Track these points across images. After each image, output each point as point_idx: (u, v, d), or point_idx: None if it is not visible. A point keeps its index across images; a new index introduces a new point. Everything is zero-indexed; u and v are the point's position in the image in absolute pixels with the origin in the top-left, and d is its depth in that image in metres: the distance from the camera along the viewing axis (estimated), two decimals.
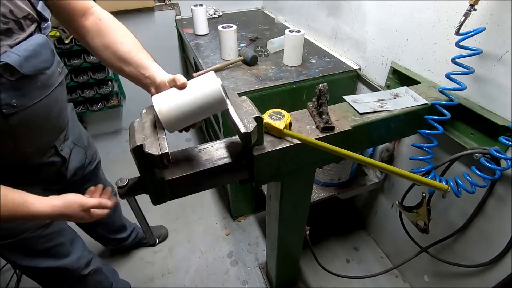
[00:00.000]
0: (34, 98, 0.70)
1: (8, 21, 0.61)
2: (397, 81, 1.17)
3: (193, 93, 0.59)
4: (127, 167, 1.27)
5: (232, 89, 1.22)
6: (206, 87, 0.59)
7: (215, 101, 0.59)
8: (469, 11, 0.77)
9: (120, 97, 2.29)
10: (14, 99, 0.65)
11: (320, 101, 0.73)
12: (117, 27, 0.75)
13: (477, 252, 1.04)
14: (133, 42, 0.74)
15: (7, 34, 0.61)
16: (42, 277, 1.01)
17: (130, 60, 0.71)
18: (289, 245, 1.13)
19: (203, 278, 1.52)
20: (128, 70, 0.72)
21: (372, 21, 1.23)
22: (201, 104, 0.59)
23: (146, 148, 0.53)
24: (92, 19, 0.74)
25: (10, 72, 0.62)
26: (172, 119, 0.57)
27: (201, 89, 0.59)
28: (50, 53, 0.73)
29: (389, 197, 1.44)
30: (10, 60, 0.61)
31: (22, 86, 0.66)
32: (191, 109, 0.58)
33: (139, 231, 1.61)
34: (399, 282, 1.48)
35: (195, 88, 0.60)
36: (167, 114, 0.57)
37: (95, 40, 0.73)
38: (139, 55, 0.72)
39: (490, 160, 0.83)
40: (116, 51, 0.72)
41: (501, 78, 0.81)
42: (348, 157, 0.64)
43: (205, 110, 0.60)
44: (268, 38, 1.60)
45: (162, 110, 0.56)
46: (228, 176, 0.69)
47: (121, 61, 0.72)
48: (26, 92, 0.67)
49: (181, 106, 0.58)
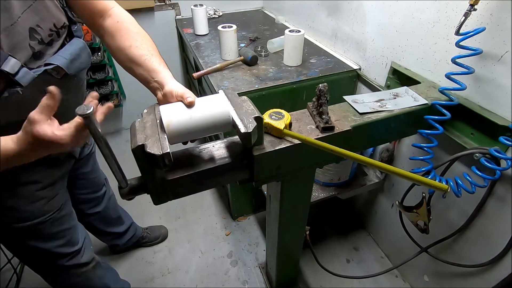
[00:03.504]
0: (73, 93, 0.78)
1: (52, 33, 0.71)
2: (397, 81, 1.18)
3: (202, 113, 0.60)
4: (127, 167, 1.25)
5: (232, 89, 1.22)
6: (216, 109, 0.60)
7: (222, 123, 0.61)
8: (469, 11, 0.77)
9: (120, 97, 2.29)
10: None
11: (320, 101, 0.73)
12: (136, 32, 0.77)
13: (477, 252, 1.04)
14: (149, 47, 0.76)
15: (50, 43, 0.71)
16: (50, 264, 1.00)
17: (141, 63, 0.73)
18: (289, 245, 1.13)
19: (203, 278, 1.52)
20: (137, 71, 0.74)
21: (372, 21, 1.23)
22: (208, 124, 0.60)
23: (148, 148, 0.53)
24: (111, 20, 0.77)
25: (57, 72, 0.70)
26: (178, 134, 0.59)
27: (211, 111, 0.60)
28: (88, 55, 0.81)
29: (389, 197, 1.44)
30: (60, 63, 0.69)
31: (66, 82, 0.73)
32: (198, 127, 0.60)
33: (138, 229, 1.60)
34: (399, 282, 1.48)
35: (205, 108, 0.61)
36: (175, 128, 0.58)
37: (112, 41, 0.76)
38: (152, 59, 0.73)
39: (490, 160, 0.83)
40: (129, 54, 0.74)
41: (501, 78, 0.82)
42: (348, 157, 0.64)
43: (210, 130, 0.61)
44: (268, 38, 1.60)
45: (171, 125, 0.57)
46: (228, 176, 0.69)
47: (132, 62, 0.74)
48: (68, 87, 0.74)
49: (189, 123, 0.59)
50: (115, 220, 1.44)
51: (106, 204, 1.34)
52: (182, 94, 0.63)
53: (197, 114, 0.60)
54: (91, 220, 1.34)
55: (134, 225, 1.58)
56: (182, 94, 0.63)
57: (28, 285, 1.49)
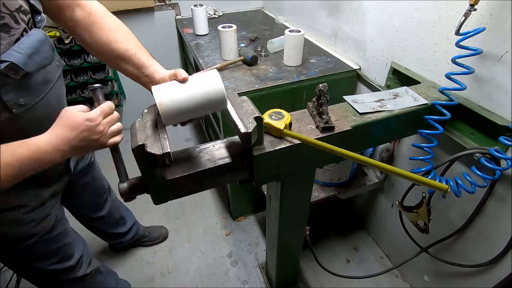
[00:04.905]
0: (39, 94, 0.68)
1: (4, 15, 0.59)
2: (397, 81, 1.18)
3: (196, 89, 0.59)
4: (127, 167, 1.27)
5: (232, 89, 1.22)
6: (210, 84, 0.59)
7: (216, 99, 0.59)
8: (469, 11, 0.77)
9: (120, 97, 2.29)
10: (21, 97, 0.64)
11: (320, 101, 0.73)
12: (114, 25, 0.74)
13: (477, 252, 1.04)
14: (132, 41, 0.73)
15: (4, 29, 0.59)
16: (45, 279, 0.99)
17: (128, 59, 0.71)
18: (289, 245, 1.13)
19: (203, 278, 1.52)
20: (125, 67, 0.72)
21: (372, 21, 1.23)
22: (202, 100, 0.59)
23: (148, 147, 0.53)
24: (82, 12, 0.72)
25: (14, 71, 0.60)
26: (172, 112, 0.57)
27: (204, 85, 0.59)
28: (50, 48, 0.71)
29: (389, 197, 1.44)
30: (15, 59, 0.59)
31: (27, 83, 0.64)
32: (192, 104, 0.58)
33: (140, 227, 1.61)
34: (399, 282, 1.48)
35: (198, 84, 0.60)
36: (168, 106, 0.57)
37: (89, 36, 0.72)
38: (138, 53, 0.71)
39: (490, 160, 0.83)
40: (113, 49, 0.71)
41: (501, 78, 0.82)
42: (348, 157, 0.64)
43: (205, 107, 0.60)
44: (268, 38, 1.60)
45: (163, 102, 0.56)
46: (228, 176, 0.69)
47: (117, 58, 0.71)
48: (31, 89, 0.66)
49: (182, 100, 0.58)
50: (119, 221, 1.45)
51: (110, 208, 1.33)
52: (175, 72, 0.62)
53: (190, 89, 0.58)
54: (96, 225, 1.35)
55: (137, 224, 1.58)
56: (175, 72, 0.62)
57: (28, 285, 1.49)
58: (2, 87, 0.59)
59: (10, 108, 0.62)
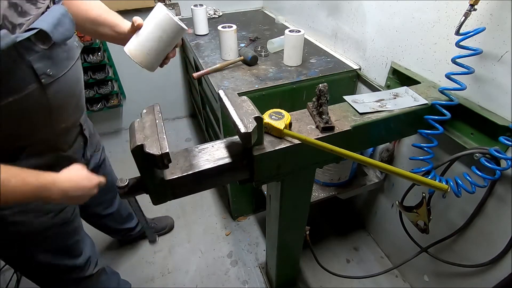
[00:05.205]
0: (64, 68, 0.71)
1: None
2: (397, 81, 1.17)
3: (149, 27, 0.72)
4: (127, 167, 1.26)
5: (232, 89, 1.22)
6: (156, 16, 0.71)
7: (168, 25, 0.71)
8: (469, 11, 0.77)
9: (120, 97, 2.29)
10: (48, 68, 0.65)
11: (320, 101, 0.73)
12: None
13: (477, 252, 1.04)
14: (102, 6, 0.83)
15: (32, 1, 0.63)
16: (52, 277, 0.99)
17: (102, 22, 0.82)
18: (289, 245, 1.13)
19: (203, 278, 1.52)
20: (103, 31, 0.83)
21: (372, 21, 1.23)
22: (158, 32, 0.71)
23: (147, 148, 0.53)
24: None
25: (42, 41, 0.62)
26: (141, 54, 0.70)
27: (153, 20, 0.72)
28: (70, 21, 0.73)
29: (389, 197, 1.44)
30: (43, 26, 0.61)
31: (54, 55, 0.67)
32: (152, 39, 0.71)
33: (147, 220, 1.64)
34: (399, 282, 1.48)
35: (149, 22, 0.73)
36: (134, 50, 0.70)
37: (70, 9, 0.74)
38: (109, 16, 0.83)
39: (490, 160, 0.83)
40: (88, 17, 0.80)
41: (501, 78, 0.82)
42: (348, 157, 0.64)
43: (165, 37, 0.72)
44: (268, 38, 1.60)
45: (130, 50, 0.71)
46: (228, 176, 0.69)
47: (94, 24, 0.82)
48: (57, 61, 0.68)
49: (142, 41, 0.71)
50: (127, 217, 1.48)
51: (119, 205, 1.36)
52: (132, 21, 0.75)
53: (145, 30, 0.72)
54: (106, 221, 1.37)
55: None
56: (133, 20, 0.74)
57: (28, 285, 1.49)
58: (32, 56, 0.61)
59: (39, 77, 0.63)
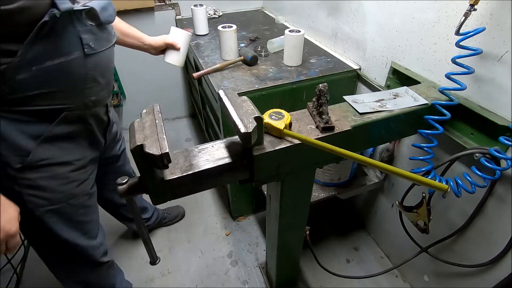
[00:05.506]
0: (102, 47, 0.81)
1: None
2: (397, 81, 1.17)
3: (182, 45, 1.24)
4: None
5: (232, 89, 1.22)
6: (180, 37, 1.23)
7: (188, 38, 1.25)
8: (469, 11, 0.77)
9: (120, 97, 2.29)
10: (91, 42, 0.76)
11: (320, 101, 0.73)
12: None
13: (477, 252, 1.04)
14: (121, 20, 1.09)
15: None
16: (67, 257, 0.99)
17: (129, 34, 1.12)
18: (289, 245, 1.13)
19: (203, 278, 1.52)
20: (129, 41, 1.13)
21: (372, 21, 1.23)
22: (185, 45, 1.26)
23: (146, 148, 0.53)
24: None
25: (91, 19, 0.75)
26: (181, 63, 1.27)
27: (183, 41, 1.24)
28: (113, 10, 0.85)
29: (389, 197, 1.44)
30: (95, 5, 0.74)
31: (97, 32, 0.78)
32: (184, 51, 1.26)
33: (159, 211, 1.70)
34: (399, 282, 1.48)
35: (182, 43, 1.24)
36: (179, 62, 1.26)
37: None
38: (133, 29, 1.14)
39: (490, 160, 0.83)
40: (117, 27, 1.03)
41: (501, 78, 0.81)
42: (348, 157, 0.64)
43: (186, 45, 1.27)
44: (268, 38, 1.60)
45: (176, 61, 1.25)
46: (228, 176, 0.69)
47: (123, 34, 1.09)
48: (99, 38, 0.79)
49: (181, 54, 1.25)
50: (142, 209, 1.54)
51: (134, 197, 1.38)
52: (172, 43, 1.21)
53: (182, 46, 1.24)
54: (122, 211, 1.41)
55: (157, 210, 1.69)
56: (172, 43, 1.21)
57: (28, 285, 1.49)
58: (81, 27, 0.73)
59: (83, 46, 0.75)
